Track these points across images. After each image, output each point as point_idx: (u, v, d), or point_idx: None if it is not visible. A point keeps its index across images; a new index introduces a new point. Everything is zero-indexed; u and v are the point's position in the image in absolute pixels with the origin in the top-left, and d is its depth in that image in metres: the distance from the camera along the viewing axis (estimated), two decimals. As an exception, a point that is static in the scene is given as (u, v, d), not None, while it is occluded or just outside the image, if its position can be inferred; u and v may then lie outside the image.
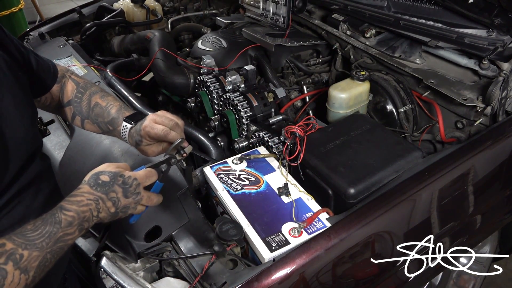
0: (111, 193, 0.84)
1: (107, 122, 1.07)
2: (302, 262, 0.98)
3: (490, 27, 1.41)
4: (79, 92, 1.11)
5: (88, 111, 1.09)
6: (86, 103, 1.10)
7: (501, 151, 1.31)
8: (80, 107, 1.10)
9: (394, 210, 1.10)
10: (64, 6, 4.59)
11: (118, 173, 0.86)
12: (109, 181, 0.85)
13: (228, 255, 1.03)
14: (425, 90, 1.56)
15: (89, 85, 1.14)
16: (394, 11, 1.69)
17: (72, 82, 1.12)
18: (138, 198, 0.88)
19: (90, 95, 1.11)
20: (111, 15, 2.37)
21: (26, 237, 0.73)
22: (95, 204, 0.82)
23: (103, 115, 1.08)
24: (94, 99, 1.10)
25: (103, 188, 0.84)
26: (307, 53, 1.99)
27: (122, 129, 1.05)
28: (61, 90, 1.12)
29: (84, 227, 0.80)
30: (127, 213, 0.89)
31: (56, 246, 0.75)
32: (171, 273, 1.11)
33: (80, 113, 1.10)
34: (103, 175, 0.85)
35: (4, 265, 0.68)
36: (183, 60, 1.88)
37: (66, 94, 1.11)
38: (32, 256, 0.72)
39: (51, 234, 0.75)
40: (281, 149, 1.34)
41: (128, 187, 0.86)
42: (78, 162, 1.48)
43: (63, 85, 1.12)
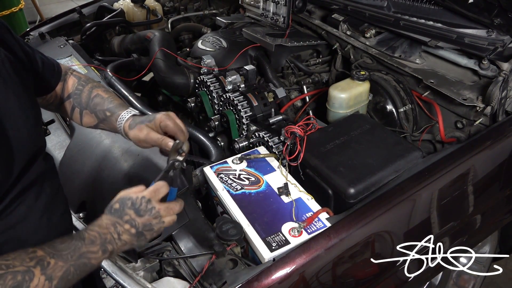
0: (125, 217, 0.87)
1: (106, 109, 1.08)
2: (302, 262, 0.98)
3: (490, 27, 1.41)
4: (80, 85, 1.12)
5: (88, 101, 1.10)
6: (86, 94, 1.11)
7: (501, 151, 1.31)
8: (79, 98, 1.11)
9: (394, 210, 1.10)
10: (64, 6, 4.59)
11: (126, 197, 0.89)
12: (119, 207, 0.88)
13: (228, 255, 1.03)
14: (425, 90, 1.56)
15: (91, 80, 1.15)
16: (394, 11, 1.69)
17: (74, 77, 1.14)
18: (154, 212, 0.89)
19: (91, 87, 1.12)
20: (111, 15, 2.37)
21: (55, 247, 0.77)
22: (113, 228, 0.85)
23: (103, 104, 1.09)
24: (95, 91, 1.12)
25: (117, 213, 0.87)
26: (307, 53, 1.99)
27: (124, 113, 1.06)
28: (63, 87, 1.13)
29: (108, 249, 0.84)
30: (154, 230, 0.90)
31: (80, 261, 0.79)
32: (171, 273, 1.11)
33: (79, 104, 1.11)
34: (115, 204, 0.89)
35: (33, 268, 0.72)
36: (183, 60, 1.88)
37: (67, 88, 1.12)
38: (57, 265, 0.75)
39: (76, 248, 0.79)
40: (281, 149, 1.34)
41: (138, 207, 0.88)
42: (78, 162, 1.49)
43: (65, 82, 1.13)
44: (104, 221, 0.86)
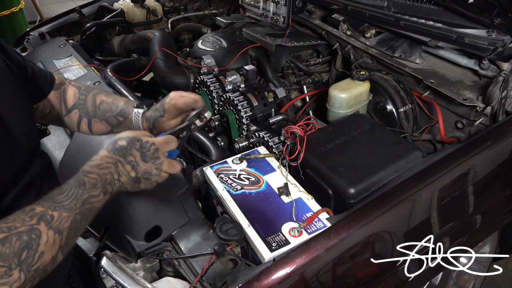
0: (129, 157, 0.85)
1: (117, 114, 1.09)
2: (302, 262, 0.98)
3: (490, 27, 1.41)
4: (82, 95, 1.12)
5: (95, 110, 1.10)
6: (91, 103, 1.11)
7: (501, 151, 1.31)
8: (85, 107, 1.11)
9: (394, 210, 1.10)
10: (64, 6, 4.59)
11: (136, 138, 0.87)
12: (126, 145, 0.85)
13: (228, 255, 1.03)
14: (425, 90, 1.56)
15: (90, 88, 1.15)
16: (394, 11, 1.69)
17: (73, 87, 1.13)
18: (158, 162, 0.87)
19: (94, 95, 1.12)
20: (111, 15, 2.37)
21: (54, 200, 0.75)
22: (114, 167, 0.83)
23: (111, 110, 1.09)
24: (98, 98, 1.11)
25: (121, 151, 0.85)
26: (307, 53, 1.99)
27: (134, 115, 1.06)
28: (62, 98, 1.12)
29: (108, 190, 0.82)
30: (151, 180, 0.88)
31: (84, 208, 0.77)
32: (171, 273, 1.11)
33: (86, 114, 1.11)
34: (121, 140, 0.86)
35: (37, 225, 0.70)
36: (183, 60, 1.88)
37: (69, 100, 1.12)
38: (62, 216, 0.73)
39: (77, 195, 0.77)
40: (281, 149, 1.34)
41: (146, 151, 0.86)
42: (79, 162, 1.48)
43: (64, 92, 1.12)
44: (104, 159, 0.84)
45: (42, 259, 0.68)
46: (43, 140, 1.63)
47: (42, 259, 0.68)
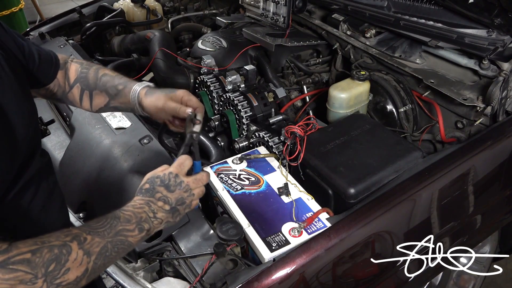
0: (157, 194, 0.88)
1: (118, 84, 1.10)
2: (302, 262, 0.98)
3: (490, 27, 1.41)
4: (84, 68, 1.13)
5: (96, 81, 1.11)
6: (93, 74, 1.12)
7: (501, 151, 1.31)
8: (86, 80, 1.11)
9: (394, 210, 1.10)
10: (64, 6, 4.58)
11: (154, 176, 0.90)
12: (149, 186, 0.89)
13: (228, 255, 1.03)
14: (425, 90, 1.56)
15: (94, 64, 1.16)
16: (394, 11, 1.69)
17: (75, 63, 1.14)
18: (184, 186, 0.90)
19: (97, 69, 1.13)
20: (111, 15, 2.37)
21: (90, 226, 0.77)
22: (147, 207, 0.86)
23: (112, 81, 1.11)
24: (102, 71, 1.13)
25: (148, 193, 0.89)
26: (307, 53, 1.99)
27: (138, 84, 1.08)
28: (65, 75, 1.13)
29: (145, 227, 0.84)
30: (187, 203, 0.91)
31: (117, 238, 0.78)
32: (171, 273, 1.11)
33: (87, 86, 1.11)
34: (145, 185, 0.90)
35: (70, 242, 0.71)
36: (183, 60, 1.88)
37: (71, 75, 1.12)
38: (94, 241, 0.75)
39: (112, 225, 0.79)
40: (281, 149, 1.34)
41: (168, 183, 0.89)
42: (78, 162, 1.49)
43: (67, 70, 1.13)
44: (137, 201, 0.87)
45: (66, 275, 0.69)
46: (43, 140, 1.63)
47: (66, 275, 0.69)
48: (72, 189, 1.42)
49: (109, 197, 1.36)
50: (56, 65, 1.10)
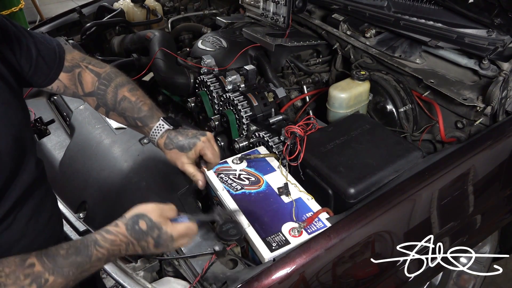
0: (142, 242, 0.85)
1: (137, 118, 1.07)
2: (302, 262, 0.98)
3: (490, 27, 1.41)
4: (102, 84, 1.07)
5: (114, 104, 1.07)
6: (111, 95, 1.07)
7: (501, 151, 1.31)
8: (104, 99, 1.08)
9: (394, 210, 1.10)
10: (64, 6, 4.59)
11: (157, 225, 0.86)
12: (145, 231, 0.85)
13: (228, 255, 1.03)
14: (425, 90, 1.56)
15: (113, 75, 1.09)
16: (394, 11, 1.68)
17: (91, 73, 1.07)
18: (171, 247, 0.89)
19: (116, 87, 1.08)
20: (111, 15, 2.37)
21: (56, 262, 0.74)
22: (125, 246, 0.84)
23: (132, 110, 1.07)
24: (121, 92, 1.07)
25: (137, 235, 0.84)
26: (307, 53, 1.99)
27: (157, 127, 1.06)
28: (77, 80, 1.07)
29: (110, 260, 0.83)
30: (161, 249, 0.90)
31: (81, 275, 0.78)
32: (171, 273, 1.11)
33: (104, 104, 1.08)
34: (142, 221, 0.85)
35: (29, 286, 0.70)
36: (183, 60, 1.88)
37: (86, 86, 1.07)
38: (56, 282, 0.73)
39: (80, 265, 0.77)
40: (281, 149, 1.34)
41: (161, 242, 0.86)
42: (78, 162, 1.49)
43: (79, 76, 1.07)
44: (119, 237, 0.83)
45: None
46: (43, 140, 1.63)
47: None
48: (72, 189, 1.42)
49: (109, 197, 1.36)
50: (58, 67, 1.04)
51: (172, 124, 1.06)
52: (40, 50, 0.99)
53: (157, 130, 1.06)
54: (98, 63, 1.11)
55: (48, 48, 1.02)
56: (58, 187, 1.42)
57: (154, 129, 1.06)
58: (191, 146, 1.04)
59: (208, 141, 1.05)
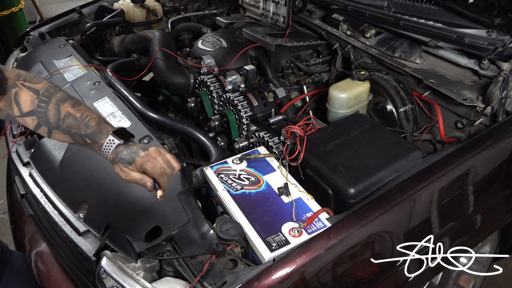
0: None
1: (85, 135, 1.00)
2: (302, 262, 0.98)
3: (490, 27, 1.41)
4: (41, 101, 1.00)
5: (58, 122, 1.00)
6: (54, 112, 1.00)
7: (501, 151, 1.31)
8: (46, 117, 1.00)
9: (394, 210, 1.10)
10: (64, 6, 4.59)
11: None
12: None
13: (228, 255, 1.03)
14: (425, 90, 1.56)
15: (52, 91, 1.02)
16: (394, 11, 1.69)
17: (29, 91, 1.00)
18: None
19: (57, 103, 1.01)
20: (111, 15, 2.37)
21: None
22: None
23: (78, 127, 1.00)
24: (63, 108, 1.00)
25: None
26: (307, 53, 1.99)
27: (107, 143, 0.99)
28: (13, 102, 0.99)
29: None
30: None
31: None
32: (171, 273, 1.11)
33: (46, 123, 1.01)
34: None
35: None
36: (183, 60, 1.88)
37: (24, 104, 0.99)
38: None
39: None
40: (281, 149, 1.34)
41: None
42: (79, 162, 1.48)
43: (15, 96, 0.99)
44: None
45: None
46: (43, 140, 1.63)
47: None
48: (72, 189, 1.42)
49: (109, 197, 1.35)
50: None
51: (123, 138, 1.00)
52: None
53: (107, 146, 0.99)
54: (34, 77, 1.03)
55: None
56: (58, 187, 1.42)
57: (104, 145, 0.99)
58: (130, 162, 0.97)
59: (149, 156, 0.97)
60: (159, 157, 0.98)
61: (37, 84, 1.02)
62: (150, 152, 0.98)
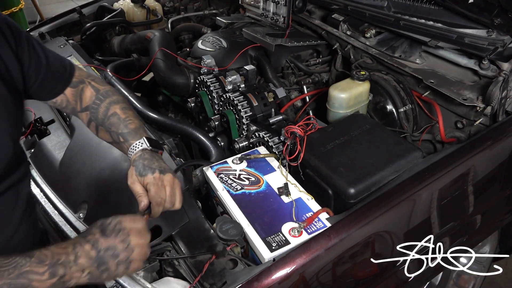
0: (88, 236, 0.79)
1: (120, 134, 1.04)
2: (302, 262, 0.98)
3: (490, 27, 1.41)
4: (97, 99, 1.08)
5: (104, 119, 1.06)
6: (103, 110, 1.07)
7: (501, 151, 1.31)
8: (96, 113, 1.07)
9: (394, 210, 1.10)
10: (64, 6, 4.59)
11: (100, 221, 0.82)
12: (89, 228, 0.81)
13: (228, 255, 1.03)
14: (425, 90, 1.56)
15: (110, 93, 1.10)
16: (394, 11, 1.68)
17: (92, 89, 1.09)
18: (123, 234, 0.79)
19: (109, 103, 1.07)
20: (111, 15, 2.37)
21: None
22: (72, 248, 0.76)
23: (118, 126, 1.05)
24: (113, 108, 1.07)
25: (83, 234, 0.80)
26: (307, 53, 1.99)
27: (136, 143, 1.01)
28: (78, 96, 1.08)
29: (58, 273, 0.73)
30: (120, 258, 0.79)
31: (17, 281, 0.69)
32: (171, 273, 1.11)
33: (95, 119, 1.08)
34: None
35: None
36: (183, 60, 1.88)
37: (84, 100, 1.08)
38: None
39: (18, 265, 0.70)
40: (281, 149, 1.34)
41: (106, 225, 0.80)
42: (78, 162, 1.49)
43: (81, 91, 1.08)
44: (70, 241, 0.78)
45: None
46: (43, 140, 1.63)
47: None
48: (72, 189, 1.42)
49: (109, 197, 1.36)
50: (65, 83, 1.05)
51: (151, 145, 1.02)
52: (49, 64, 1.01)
53: (135, 146, 1.01)
54: (101, 81, 1.12)
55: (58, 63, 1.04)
56: (58, 187, 1.42)
57: (133, 145, 1.01)
58: (142, 174, 0.96)
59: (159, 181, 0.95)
60: (168, 187, 0.96)
61: (100, 85, 1.10)
62: (163, 177, 0.96)
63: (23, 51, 0.94)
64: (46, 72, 1.00)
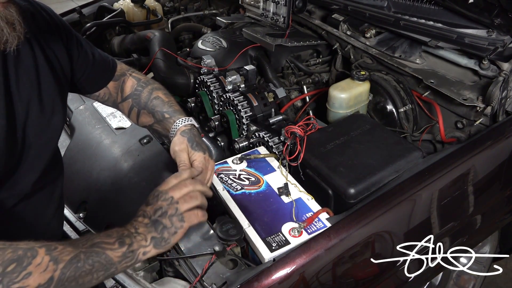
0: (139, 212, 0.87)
1: (166, 112, 1.10)
2: (302, 262, 0.98)
3: (490, 27, 1.41)
4: (139, 86, 1.14)
5: (147, 102, 1.12)
6: (146, 94, 1.13)
7: (501, 151, 1.31)
8: (138, 98, 1.13)
9: (394, 210, 1.10)
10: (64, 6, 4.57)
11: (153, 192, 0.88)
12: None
13: (228, 255, 1.03)
14: (425, 90, 1.56)
15: (151, 81, 1.17)
16: (394, 11, 1.68)
17: (133, 79, 1.15)
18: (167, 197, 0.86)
19: (152, 89, 1.14)
20: (111, 15, 2.37)
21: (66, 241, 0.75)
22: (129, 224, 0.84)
23: (162, 106, 1.11)
24: (155, 92, 1.13)
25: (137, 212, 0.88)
26: (307, 53, 1.99)
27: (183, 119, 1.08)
28: (119, 88, 1.14)
29: (126, 242, 0.79)
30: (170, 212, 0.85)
31: (92, 249, 0.74)
32: (171, 273, 1.11)
33: (137, 104, 1.13)
34: None
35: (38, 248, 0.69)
36: (183, 60, 1.88)
37: (126, 89, 1.14)
38: (66, 249, 0.71)
39: (89, 238, 0.77)
40: (281, 149, 1.34)
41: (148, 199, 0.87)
42: (79, 162, 1.49)
43: (123, 83, 1.14)
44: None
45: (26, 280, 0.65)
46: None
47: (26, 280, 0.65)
48: (72, 189, 1.42)
49: (109, 197, 1.36)
50: (109, 76, 1.12)
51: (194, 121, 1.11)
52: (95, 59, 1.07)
53: (184, 120, 1.08)
54: (141, 73, 1.20)
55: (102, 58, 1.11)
56: (58, 187, 1.42)
57: (182, 119, 1.08)
58: (194, 148, 1.04)
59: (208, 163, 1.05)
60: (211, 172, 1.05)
61: (141, 76, 1.18)
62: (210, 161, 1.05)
63: (73, 47, 1.00)
64: (92, 67, 1.06)
